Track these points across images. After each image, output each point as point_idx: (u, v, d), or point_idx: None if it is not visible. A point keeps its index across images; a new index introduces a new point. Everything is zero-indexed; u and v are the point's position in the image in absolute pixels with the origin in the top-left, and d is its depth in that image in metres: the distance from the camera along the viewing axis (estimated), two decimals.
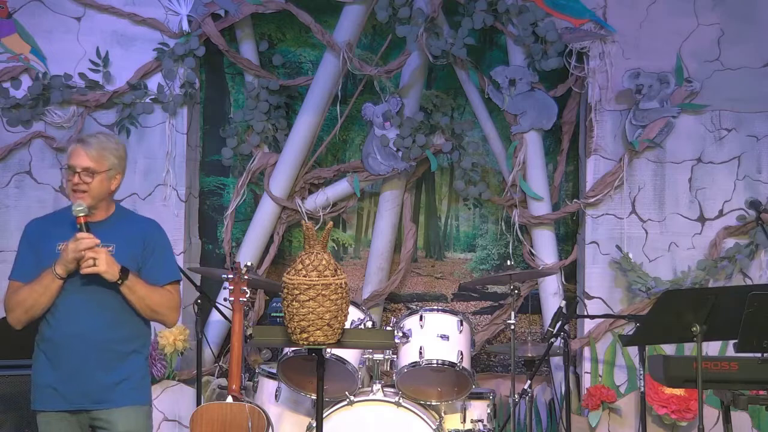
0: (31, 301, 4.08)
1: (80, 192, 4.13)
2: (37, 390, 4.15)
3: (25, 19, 6.76)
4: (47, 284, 4.06)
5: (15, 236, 6.59)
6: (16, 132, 6.76)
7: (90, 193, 4.14)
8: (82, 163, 4.15)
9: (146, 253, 4.21)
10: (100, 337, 4.10)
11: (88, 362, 4.08)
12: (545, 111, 6.79)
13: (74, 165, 4.15)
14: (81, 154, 4.16)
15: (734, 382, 4.64)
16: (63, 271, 4.05)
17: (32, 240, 4.22)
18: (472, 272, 7.12)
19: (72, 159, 4.17)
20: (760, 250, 6.63)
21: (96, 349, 4.10)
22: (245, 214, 7.08)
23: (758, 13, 6.71)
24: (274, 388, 5.70)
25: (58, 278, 4.05)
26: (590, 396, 6.49)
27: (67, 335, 4.09)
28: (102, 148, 4.19)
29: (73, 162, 4.16)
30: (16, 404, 5.60)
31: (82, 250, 4.02)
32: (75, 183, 4.14)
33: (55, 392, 4.09)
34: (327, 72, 6.89)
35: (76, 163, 4.15)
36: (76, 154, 4.17)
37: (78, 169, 4.14)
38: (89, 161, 4.15)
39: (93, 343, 4.09)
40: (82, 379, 4.08)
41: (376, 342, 4.85)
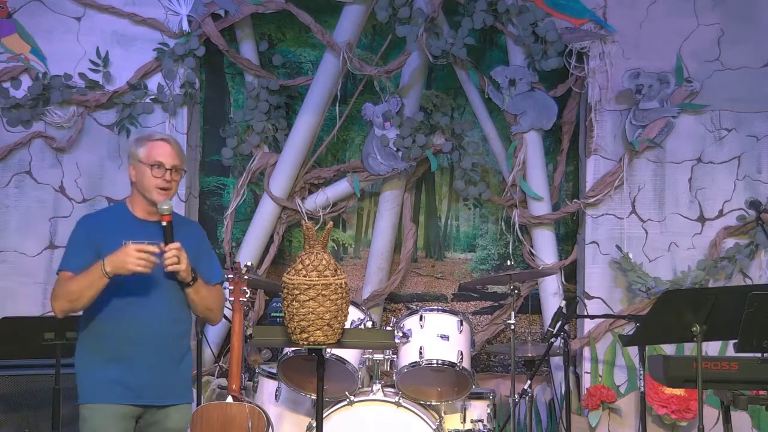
0: (77, 294, 4.00)
1: (166, 190, 4.12)
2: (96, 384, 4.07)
3: (25, 19, 6.76)
4: (94, 280, 3.98)
5: (15, 236, 6.68)
6: (16, 132, 6.76)
7: (171, 192, 4.16)
8: (173, 161, 4.15)
9: (199, 253, 4.22)
10: (167, 334, 4.14)
11: (156, 358, 4.10)
12: (545, 111, 6.79)
13: (165, 162, 4.13)
14: (170, 151, 4.15)
15: (734, 382, 4.64)
16: (112, 271, 3.97)
17: (92, 233, 4.12)
18: (472, 272, 7.12)
19: (162, 155, 4.13)
20: (760, 250, 6.63)
21: (164, 345, 4.13)
22: (245, 214, 7.08)
23: (758, 13, 6.71)
24: (274, 388, 5.70)
25: (105, 277, 3.98)
26: (590, 396, 6.50)
27: (138, 332, 4.07)
28: (181, 148, 4.24)
29: (165, 159, 4.13)
30: (16, 404, 5.61)
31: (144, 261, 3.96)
32: (167, 180, 4.12)
33: (120, 386, 4.05)
34: (327, 72, 6.89)
35: (168, 160, 4.14)
36: (164, 151, 4.14)
37: (169, 166, 4.13)
38: (179, 160, 4.17)
39: (161, 339, 4.12)
40: (150, 375, 4.08)
41: (376, 342, 4.85)
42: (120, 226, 4.14)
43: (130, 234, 4.08)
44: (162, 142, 4.17)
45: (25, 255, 6.69)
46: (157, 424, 4.15)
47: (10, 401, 5.60)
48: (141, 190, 4.17)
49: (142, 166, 4.14)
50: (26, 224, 6.71)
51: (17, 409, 5.61)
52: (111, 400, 4.05)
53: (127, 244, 4.02)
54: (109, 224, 4.18)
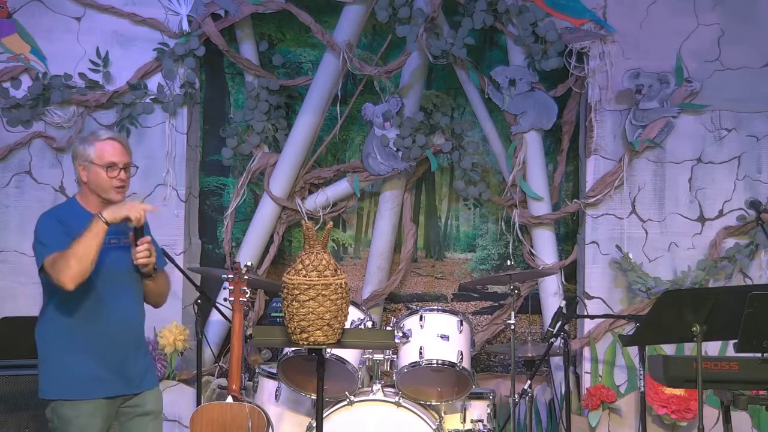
0: (83, 251, 3.94)
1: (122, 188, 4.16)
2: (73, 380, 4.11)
3: (25, 19, 6.76)
4: (96, 231, 3.96)
5: (15, 236, 6.68)
6: (16, 132, 6.76)
7: (126, 188, 4.20)
8: (125, 158, 4.17)
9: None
10: (135, 326, 4.28)
11: (128, 350, 4.21)
12: (545, 111, 6.79)
13: (119, 162, 4.15)
14: (121, 149, 4.17)
15: (734, 382, 4.64)
16: (111, 219, 3.99)
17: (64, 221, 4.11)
18: (472, 272, 7.12)
19: (114, 155, 4.14)
20: (760, 250, 6.63)
21: (133, 337, 4.27)
22: (245, 214, 7.08)
23: (758, 13, 6.71)
24: (274, 388, 5.70)
25: (105, 224, 3.98)
26: (590, 396, 6.50)
27: (108, 326, 4.15)
28: (128, 144, 4.26)
29: (118, 158, 4.15)
30: (16, 404, 5.60)
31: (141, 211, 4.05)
32: (123, 180, 4.15)
33: (98, 381, 4.13)
34: (327, 72, 6.89)
35: (120, 159, 4.16)
36: (116, 149, 4.15)
37: (121, 165, 4.15)
38: (128, 156, 4.20)
39: (130, 331, 4.25)
40: (124, 367, 4.19)
41: (376, 342, 4.85)
42: (82, 223, 4.09)
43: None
44: (111, 141, 4.18)
45: (25, 255, 6.67)
46: (135, 408, 4.24)
47: (10, 401, 5.59)
48: (96, 190, 4.18)
49: (95, 167, 4.15)
50: (26, 224, 6.66)
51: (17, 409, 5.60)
52: (93, 395, 4.12)
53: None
54: (71, 220, 4.15)
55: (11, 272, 6.68)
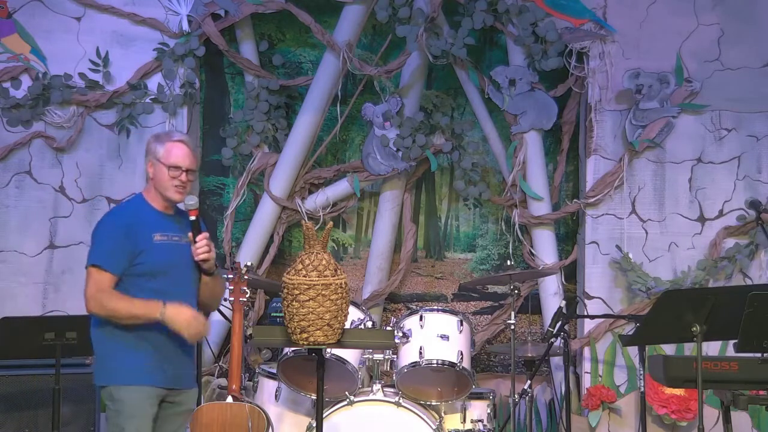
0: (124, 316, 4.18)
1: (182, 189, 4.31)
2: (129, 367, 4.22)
3: (25, 19, 6.76)
4: (147, 317, 4.18)
5: (15, 236, 6.67)
6: (16, 132, 6.76)
7: (187, 191, 4.35)
8: (189, 163, 4.33)
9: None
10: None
11: (179, 345, 4.29)
12: (545, 111, 6.79)
13: (182, 164, 4.29)
14: (187, 154, 4.33)
15: (734, 382, 4.64)
16: (168, 323, 4.17)
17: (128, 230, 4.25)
18: (472, 272, 7.12)
19: (178, 158, 4.30)
20: (760, 250, 6.63)
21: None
22: (245, 214, 7.08)
23: (758, 13, 6.71)
24: (274, 388, 5.70)
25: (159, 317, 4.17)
26: (590, 396, 6.50)
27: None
28: (196, 149, 4.51)
29: (182, 161, 4.30)
30: (16, 404, 5.61)
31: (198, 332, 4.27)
32: (183, 181, 4.29)
33: (150, 370, 4.23)
34: (327, 72, 6.89)
35: (185, 162, 4.31)
36: (182, 153, 4.31)
37: (185, 168, 4.30)
38: (194, 162, 4.36)
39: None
40: (174, 360, 4.29)
41: (376, 342, 4.86)
42: (147, 219, 4.31)
43: (159, 227, 4.29)
44: (180, 144, 4.35)
45: (25, 255, 6.69)
46: (174, 405, 4.34)
47: (10, 401, 5.60)
48: (158, 187, 4.34)
49: (160, 165, 4.31)
50: (26, 224, 6.71)
51: (17, 409, 5.61)
52: (146, 381, 4.23)
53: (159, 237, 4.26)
54: (138, 219, 4.32)
55: (11, 272, 6.68)
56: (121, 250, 4.21)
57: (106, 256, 4.21)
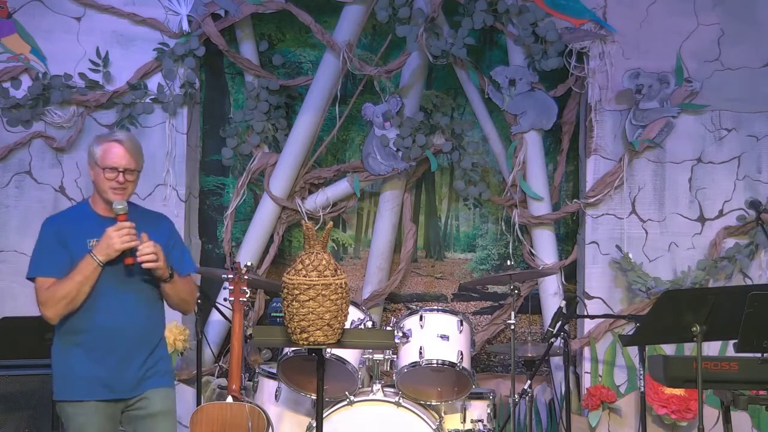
0: (74, 292, 4.09)
1: (120, 191, 4.20)
2: (72, 381, 4.16)
3: (25, 19, 6.76)
4: (88, 273, 4.10)
5: (15, 236, 6.67)
6: (16, 132, 6.76)
7: (127, 192, 4.23)
8: (125, 163, 4.21)
9: (169, 246, 4.30)
10: (138, 328, 4.24)
11: (129, 352, 4.19)
12: (545, 111, 6.79)
13: (118, 165, 4.19)
14: (122, 154, 4.21)
15: (734, 382, 4.64)
16: (105, 258, 4.09)
17: (59, 232, 4.21)
18: (472, 272, 7.12)
19: (112, 158, 4.20)
20: (760, 250, 6.63)
21: (135, 339, 4.23)
22: (245, 214, 7.08)
23: (758, 13, 6.71)
24: (274, 388, 5.70)
25: (99, 265, 4.09)
26: (590, 396, 6.50)
27: (108, 327, 4.16)
28: (136, 148, 4.29)
29: (116, 162, 4.19)
30: (16, 404, 5.60)
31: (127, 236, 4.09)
32: (120, 182, 4.19)
33: (96, 382, 4.15)
34: (327, 72, 6.89)
35: (119, 163, 4.20)
36: (116, 153, 4.20)
37: (121, 168, 4.19)
38: (131, 161, 4.23)
39: (133, 333, 4.21)
40: (124, 369, 4.18)
41: (376, 342, 4.85)
42: (84, 224, 4.23)
43: (93, 231, 4.18)
44: (115, 144, 4.23)
45: (25, 255, 6.62)
46: (141, 410, 4.24)
47: (10, 401, 5.59)
48: (98, 190, 4.26)
49: (97, 168, 4.22)
50: (26, 224, 6.71)
51: (17, 409, 5.60)
52: (94, 396, 4.15)
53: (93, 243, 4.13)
54: (73, 223, 4.25)
55: (11, 272, 6.67)
56: (58, 254, 4.15)
57: (45, 264, 4.17)
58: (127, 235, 4.11)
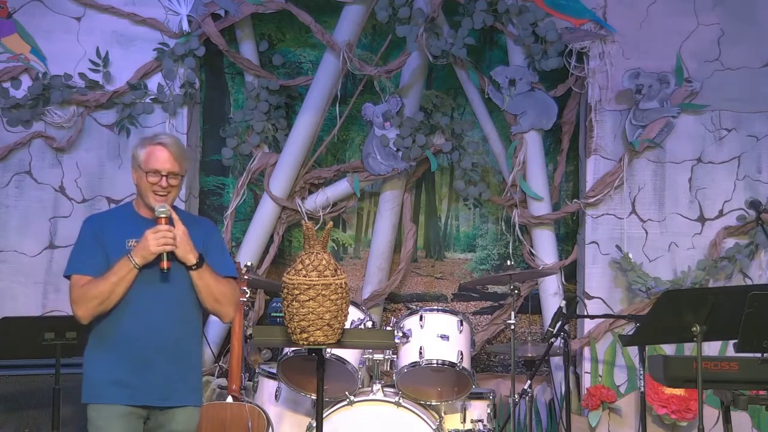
0: (107, 293, 4.00)
1: (163, 195, 4.11)
2: (97, 385, 4.09)
3: (25, 19, 6.76)
4: (123, 275, 4.01)
5: (15, 236, 6.67)
6: (16, 132, 6.76)
7: (170, 196, 4.13)
8: (169, 166, 4.11)
9: (206, 250, 4.19)
10: (171, 334, 4.11)
11: (158, 359, 4.08)
12: (545, 111, 6.79)
13: (161, 169, 4.10)
14: (166, 157, 4.11)
15: (734, 382, 4.64)
16: (141, 261, 4.01)
17: (98, 232, 4.14)
18: (472, 272, 7.12)
19: (157, 162, 4.10)
20: (760, 250, 6.63)
21: (167, 345, 4.10)
22: (245, 214, 7.08)
23: (758, 13, 6.71)
24: (274, 388, 5.70)
25: (135, 268, 4.01)
26: (590, 396, 6.50)
27: (139, 331, 4.07)
28: (181, 151, 4.18)
29: (160, 165, 4.10)
30: (16, 404, 5.60)
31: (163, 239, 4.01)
32: (163, 187, 4.10)
33: (122, 387, 4.05)
34: (327, 72, 6.89)
35: (164, 166, 4.10)
36: (161, 157, 4.11)
37: (165, 172, 4.10)
38: (175, 165, 4.13)
39: (164, 339, 4.10)
40: (149, 376, 4.07)
41: (376, 342, 4.85)
42: (124, 225, 4.16)
43: (134, 233, 4.09)
44: (160, 147, 4.13)
45: (25, 255, 6.69)
46: (161, 428, 4.14)
47: (10, 401, 5.59)
48: (140, 194, 4.18)
49: (140, 171, 4.14)
50: (26, 224, 6.71)
51: (17, 409, 5.61)
52: (114, 400, 4.05)
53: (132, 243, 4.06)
54: (113, 223, 4.19)
55: (11, 272, 6.68)
56: (95, 253, 4.08)
57: (81, 262, 4.10)
58: (162, 238, 4.01)
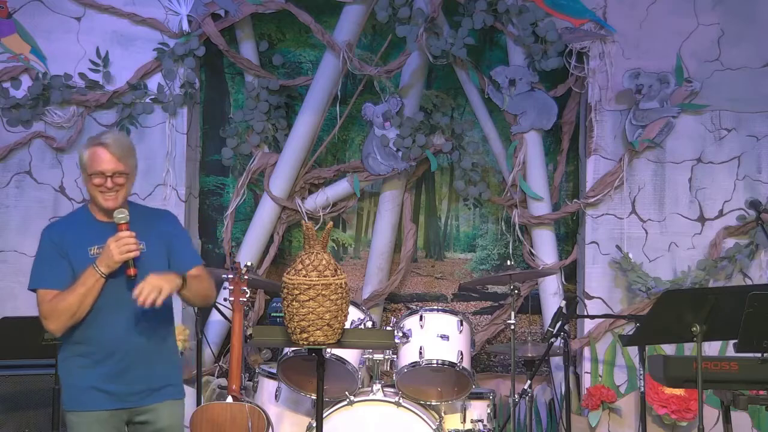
0: (77, 305, 3.97)
1: (111, 196, 4.06)
2: (77, 391, 4.08)
3: (25, 19, 6.76)
4: (90, 285, 3.98)
5: (15, 236, 6.68)
6: (16, 132, 6.76)
7: (119, 196, 4.08)
8: (112, 166, 4.05)
9: (173, 244, 4.18)
10: (143, 339, 4.10)
11: (133, 363, 4.08)
12: (545, 111, 6.79)
13: (104, 170, 4.04)
14: (107, 158, 4.05)
15: (734, 382, 4.64)
16: (107, 270, 3.97)
17: (57, 242, 4.09)
18: (472, 272, 7.12)
19: (100, 163, 4.04)
20: (760, 250, 6.63)
21: (140, 350, 4.10)
22: (245, 214, 7.08)
23: (758, 13, 6.71)
24: (274, 388, 5.70)
25: (102, 277, 3.98)
26: (590, 396, 6.50)
27: (112, 339, 4.06)
28: (123, 148, 4.11)
29: (103, 166, 4.04)
30: (16, 404, 5.60)
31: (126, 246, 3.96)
32: (109, 187, 4.05)
33: (99, 392, 4.05)
34: (327, 72, 6.89)
35: (107, 167, 4.05)
36: (103, 157, 4.04)
37: (109, 173, 4.05)
38: (118, 164, 4.07)
39: (137, 345, 4.09)
40: (128, 379, 4.08)
41: (376, 342, 4.85)
42: (83, 231, 4.10)
43: (93, 238, 4.07)
44: (100, 148, 4.06)
45: (25, 255, 6.68)
46: (147, 425, 4.15)
47: (10, 401, 5.59)
48: (90, 197, 4.14)
49: (85, 174, 4.10)
50: (26, 224, 6.71)
51: (17, 409, 5.60)
52: (93, 406, 4.06)
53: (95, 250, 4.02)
54: (72, 231, 4.14)
55: (11, 272, 6.68)
56: (58, 265, 4.04)
57: (45, 276, 4.06)
58: (125, 246, 3.98)
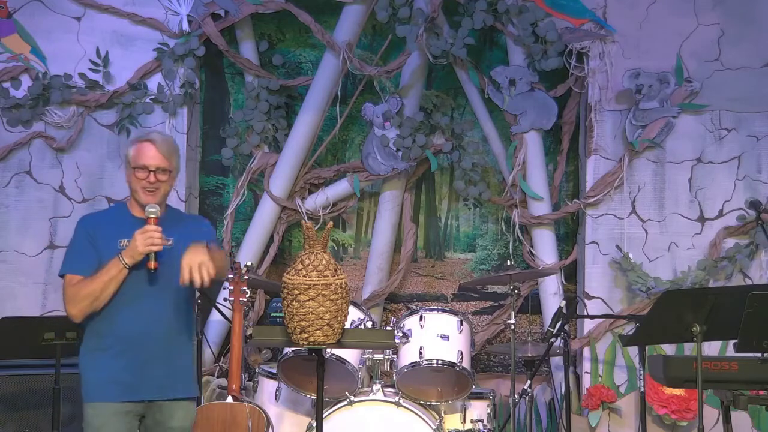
0: (99, 291, 4.04)
1: (152, 191, 4.13)
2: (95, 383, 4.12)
3: (25, 19, 6.76)
4: (114, 274, 4.05)
5: (15, 236, 6.68)
6: (16, 132, 6.76)
7: (159, 192, 4.16)
8: (156, 162, 4.14)
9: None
10: (164, 330, 4.15)
11: (153, 355, 4.12)
12: (545, 111, 6.79)
13: (149, 164, 4.13)
14: (153, 153, 4.14)
15: (734, 382, 4.64)
16: (131, 261, 4.04)
17: (90, 232, 4.18)
18: (472, 272, 7.12)
19: (144, 158, 4.13)
20: (760, 250, 6.63)
21: (161, 342, 4.14)
22: (245, 214, 7.08)
23: (758, 13, 6.71)
24: (274, 388, 5.70)
25: (126, 267, 4.05)
26: (590, 396, 6.50)
27: (132, 333, 4.10)
28: (170, 147, 4.22)
29: (147, 161, 4.13)
30: (16, 404, 5.61)
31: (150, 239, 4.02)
32: (151, 182, 4.13)
33: (117, 384, 4.09)
34: (327, 72, 6.89)
35: (151, 162, 4.13)
36: (148, 153, 4.14)
37: (152, 168, 4.13)
38: (163, 160, 4.16)
39: (158, 336, 4.14)
40: (146, 373, 4.11)
41: (376, 342, 4.85)
42: (117, 225, 4.19)
43: (125, 232, 4.12)
44: (147, 144, 4.17)
45: (25, 255, 6.70)
46: (160, 424, 4.17)
47: (10, 401, 5.60)
48: (131, 191, 4.21)
49: (129, 168, 4.19)
50: (26, 224, 6.71)
51: (17, 409, 5.61)
52: (110, 398, 4.09)
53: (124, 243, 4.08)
54: (106, 223, 4.23)
55: (11, 272, 6.68)
56: (88, 253, 4.12)
57: (74, 262, 4.14)
58: (149, 239, 4.04)
